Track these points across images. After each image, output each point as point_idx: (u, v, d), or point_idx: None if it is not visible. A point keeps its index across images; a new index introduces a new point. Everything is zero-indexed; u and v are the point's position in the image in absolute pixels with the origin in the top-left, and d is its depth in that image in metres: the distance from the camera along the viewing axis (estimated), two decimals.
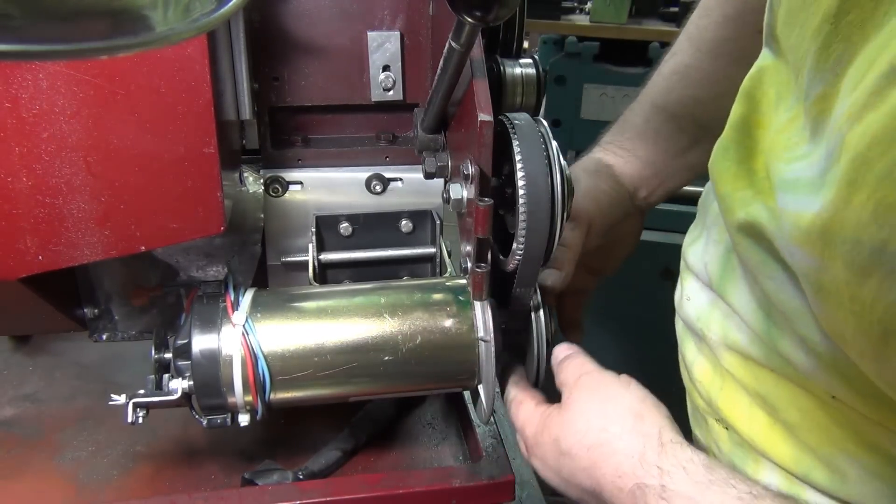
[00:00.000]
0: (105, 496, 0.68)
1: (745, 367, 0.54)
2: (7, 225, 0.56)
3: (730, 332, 0.55)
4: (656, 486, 0.48)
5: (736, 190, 0.52)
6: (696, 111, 0.79)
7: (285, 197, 0.76)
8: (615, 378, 0.57)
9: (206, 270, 0.75)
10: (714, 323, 0.57)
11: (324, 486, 0.65)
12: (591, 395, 0.56)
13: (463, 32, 0.52)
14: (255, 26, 0.69)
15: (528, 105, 0.71)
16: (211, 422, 0.61)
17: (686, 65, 0.80)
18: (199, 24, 0.29)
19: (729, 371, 0.56)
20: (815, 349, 0.46)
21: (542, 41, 2.61)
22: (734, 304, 0.55)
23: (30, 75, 0.52)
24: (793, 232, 0.41)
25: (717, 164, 0.55)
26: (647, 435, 0.51)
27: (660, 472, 0.48)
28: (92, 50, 0.26)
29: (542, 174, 0.56)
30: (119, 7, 0.26)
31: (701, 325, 0.59)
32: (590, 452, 0.53)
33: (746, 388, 0.54)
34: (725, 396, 0.56)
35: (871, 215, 0.35)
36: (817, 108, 0.42)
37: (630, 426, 0.52)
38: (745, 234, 0.50)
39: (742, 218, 0.50)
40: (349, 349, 0.61)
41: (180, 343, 0.60)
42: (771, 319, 0.51)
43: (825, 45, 0.41)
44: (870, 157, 0.35)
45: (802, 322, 0.46)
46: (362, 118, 0.78)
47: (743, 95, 0.55)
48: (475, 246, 0.59)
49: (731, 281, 0.56)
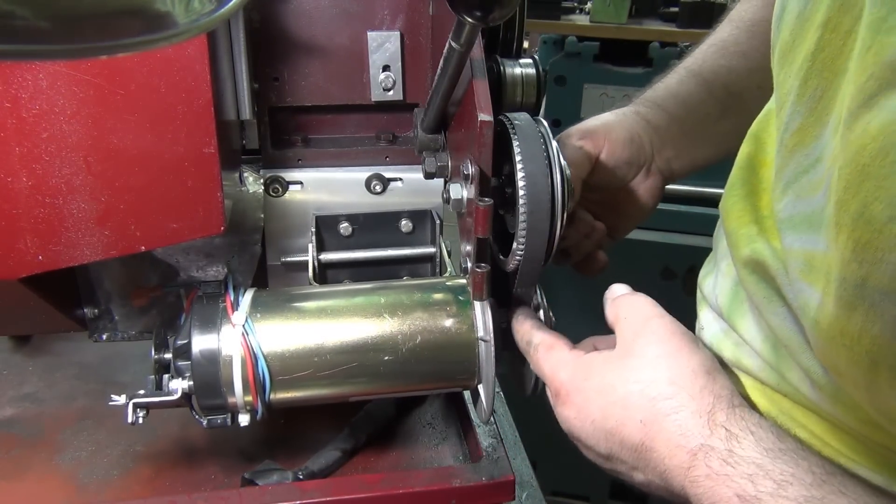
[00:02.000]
0: (105, 496, 0.68)
1: (758, 390, 0.54)
2: (7, 225, 0.56)
3: (742, 358, 0.55)
4: (723, 450, 0.45)
5: (741, 226, 0.53)
6: (729, 80, 0.80)
7: (285, 197, 0.76)
8: (686, 331, 0.54)
9: (206, 270, 0.75)
10: (726, 350, 0.57)
11: (324, 486, 0.65)
12: (661, 345, 0.52)
13: (463, 32, 0.52)
14: (255, 26, 0.69)
15: (528, 105, 0.71)
16: (211, 422, 0.61)
17: (723, 39, 0.81)
18: (199, 24, 0.29)
19: (743, 394, 0.55)
20: (817, 381, 0.47)
21: (542, 41, 2.61)
22: (744, 334, 0.55)
23: (30, 75, 0.52)
24: (803, 269, 0.43)
25: (726, 200, 0.56)
26: (718, 395, 0.49)
27: (728, 434, 0.46)
28: (92, 50, 0.26)
29: (542, 174, 0.56)
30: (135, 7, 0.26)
31: (715, 351, 0.58)
32: (653, 403, 0.49)
33: (759, 410, 0.53)
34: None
35: (852, 253, 0.37)
36: (794, 141, 0.44)
37: (702, 384, 0.49)
38: (750, 269, 0.52)
39: (747, 254, 0.51)
40: (349, 349, 0.61)
41: (180, 343, 0.60)
42: (777, 352, 0.51)
43: (805, 79, 0.43)
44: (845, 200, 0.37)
45: (804, 356, 0.47)
46: (362, 118, 0.78)
47: (750, 136, 0.57)
48: (475, 246, 0.59)
49: (739, 313, 0.56)
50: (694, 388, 0.49)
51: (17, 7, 0.22)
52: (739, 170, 0.57)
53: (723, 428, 0.46)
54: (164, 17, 0.28)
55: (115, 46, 0.27)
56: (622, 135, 0.76)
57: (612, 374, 0.52)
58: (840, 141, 0.38)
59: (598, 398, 0.52)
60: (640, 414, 0.49)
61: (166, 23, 0.28)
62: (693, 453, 0.46)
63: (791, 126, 0.45)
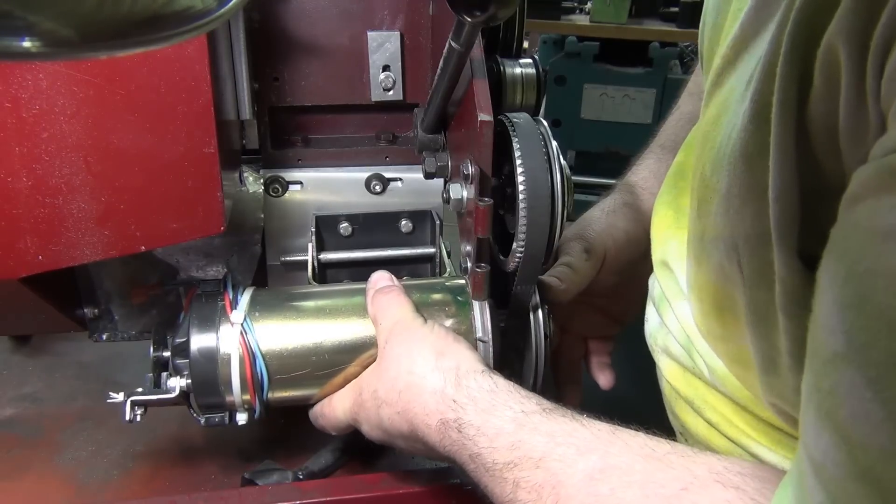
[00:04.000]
0: (105, 496, 0.68)
1: (681, 376, 0.58)
2: (7, 225, 0.56)
3: (669, 346, 0.59)
4: (453, 420, 0.50)
5: (660, 230, 0.61)
6: None
7: (285, 197, 0.76)
8: (422, 322, 0.59)
9: (206, 270, 0.75)
10: (660, 339, 0.62)
11: (324, 486, 0.65)
12: (401, 342, 0.57)
13: (463, 32, 0.52)
14: (255, 26, 0.69)
15: (528, 105, 0.71)
16: (209, 420, 0.61)
17: (689, 112, 0.84)
18: (199, 23, 0.29)
19: (669, 381, 0.60)
20: (710, 364, 0.52)
21: (542, 41, 2.61)
22: (668, 324, 0.60)
23: (30, 75, 0.53)
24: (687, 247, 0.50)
25: (655, 206, 0.65)
26: (446, 370, 0.54)
27: (455, 404, 0.51)
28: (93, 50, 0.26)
29: (542, 173, 0.56)
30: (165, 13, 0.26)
31: (651, 341, 0.63)
32: (401, 396, 0.55)
33: (681, 395, 0.58)
34: (678, 405, 0.60)
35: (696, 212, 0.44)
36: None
37: (433, 364, 0.54)
38: (661, 267, 0.60)
39: (660, 255, 0.61)
40: (347, 348, 0.61)
41: (179, 341, 0.60)
42: (689, 340, 0.56)
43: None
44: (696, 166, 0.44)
45: (700, 343, 0.53)
46: (362, 118, 0.78)
47: (683, 146, 0.63)
48: (475, 246, 0.59)
49: (664, 307, 0.61)
50: (427, 370, 0.54)
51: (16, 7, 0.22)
52: (669, 178, 0.63)
53: (451, 400, 0.51)
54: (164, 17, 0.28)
55: (116, 46, 0.27)
56: (620, 238, 0.78)
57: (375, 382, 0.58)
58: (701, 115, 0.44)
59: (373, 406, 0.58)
60: (397, 406, 0.55)
61: (166, 23, 0.28)
62: (438, 429, 0.51)
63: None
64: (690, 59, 2.48)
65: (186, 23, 0.27)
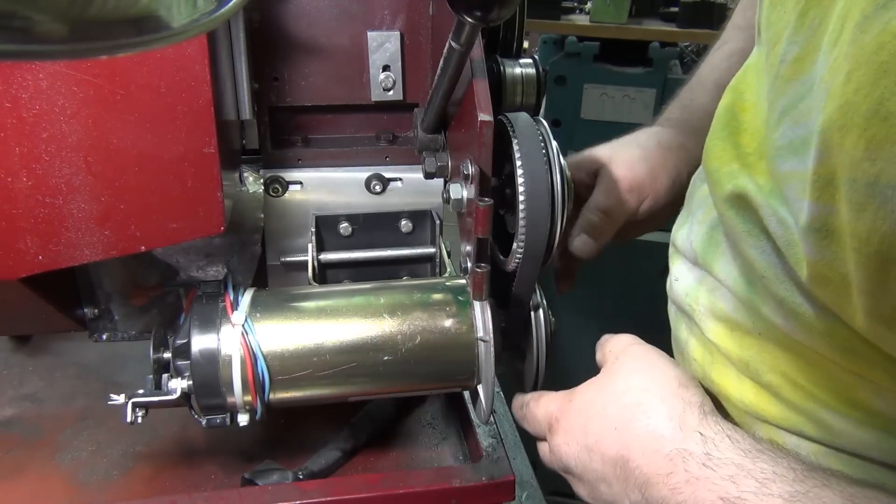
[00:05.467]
0: (105, 496, 0.68)
1: (730, 337, 0.55)
2: (7, 225, 0.56)
3: (716, 302, 0.56)
4: (700, 454, 0.46)
5: (723, 165, 0.55)
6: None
7: (285, 197, 0.76)
8: (664, 354, 0.56)
9: (206, 270, 0.75)
10: (702, 297, 0.58)
11: (324, 486, 0.65)
12: (637, 362, 0.54)
13: (463, 32, 0.52)
14: (255, 26, 0.69)
15: (528, 105, 0.71)
16: (210, 421, 0.61)
17: (741, 48, 0.80)
18: (199, 23, 0.29)
19: (714, 343, 0.56)
20: (795, 310, 0.47)
21: (542, 41, 2.61)
22: (719, 275, 0.56)
23: (30, 75, 0.52)
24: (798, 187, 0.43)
25: (708, 143, 0.58)
26: (688, 402, 0.50)
27: (703, 438, 0.47)
28: (92, 50, 0.26)
29: (542, 173, 0.57)
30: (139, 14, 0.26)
31: (689, 301, 0.59)
32: (625, 411, 0.50)
33: (731, 358, 0.54)
34: (717, 370, 0.56)
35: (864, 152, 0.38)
36: (791, 70, 0.45)
37: (673, 391, 0.50)
38: (731, 204, 0.53)
39: (729, 190, 0.53)
40: (348, 349, 0.61)
41: (179, 343, 0.60)
42: (753, 286, 0.52)
43: (803, 12, 0.44)
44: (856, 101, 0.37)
45: (782, 286, 0.48)
46: (362, 118, 0.78)
47: (729, 90, 0.58)
48: (475, 246, 0.59)
49: (714, 254, 0.57)
50: (665, 393, 0.50)
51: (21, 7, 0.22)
52: (720, 118, 0.58)
53: (697, 433, 0.47)
54: (164, 17, 0.28)
55: (116, 46, 0.27)
56: (666, 183, 0.76)
57: (592, 392, 0.55)
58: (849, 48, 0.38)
59: (580, 416, 0.54)
60: (615, 422, 0.51)
61: (166, 23, 0.28)
62: (670, 458, 0.46)
63: (787, 58, 0.46)
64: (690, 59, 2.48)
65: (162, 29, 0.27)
